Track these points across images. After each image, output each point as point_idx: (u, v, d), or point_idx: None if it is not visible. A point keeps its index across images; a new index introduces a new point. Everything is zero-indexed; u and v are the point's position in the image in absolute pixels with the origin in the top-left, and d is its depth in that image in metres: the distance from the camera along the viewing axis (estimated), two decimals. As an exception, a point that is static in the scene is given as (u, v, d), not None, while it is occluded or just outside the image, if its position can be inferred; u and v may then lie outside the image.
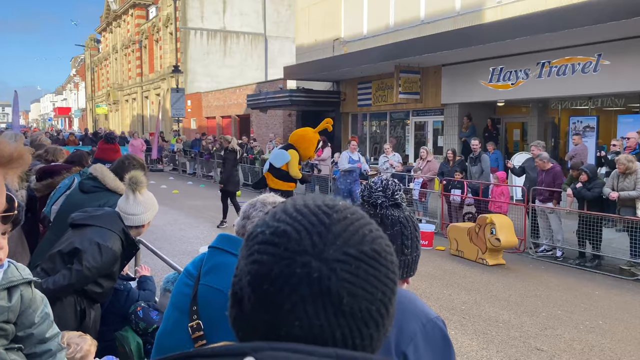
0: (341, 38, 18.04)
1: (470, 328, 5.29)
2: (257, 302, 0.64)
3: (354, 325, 0.62)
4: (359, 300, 0.62)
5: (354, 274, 0.63)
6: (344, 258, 0.63)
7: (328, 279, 0.62)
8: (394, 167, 11.63)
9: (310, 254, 0.63)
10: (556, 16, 9.86)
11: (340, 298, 0.62)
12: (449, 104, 14.25)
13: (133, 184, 2.77)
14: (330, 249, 0.63)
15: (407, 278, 1.37)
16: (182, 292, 1.70)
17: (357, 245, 0.65)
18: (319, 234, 0.64)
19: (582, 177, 7.72)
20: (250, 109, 22.21)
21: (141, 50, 40.58)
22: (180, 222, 10.80)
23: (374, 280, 0.64)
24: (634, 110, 11.35)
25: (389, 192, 1.34)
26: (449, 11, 14.03)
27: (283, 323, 0.62)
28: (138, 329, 2.77)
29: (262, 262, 0.64)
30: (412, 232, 1.32)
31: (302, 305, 0.61)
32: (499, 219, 7.75)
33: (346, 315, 0.62)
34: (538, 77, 11.78)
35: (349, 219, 0.67)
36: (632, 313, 5.76)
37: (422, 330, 1.23)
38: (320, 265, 0.62)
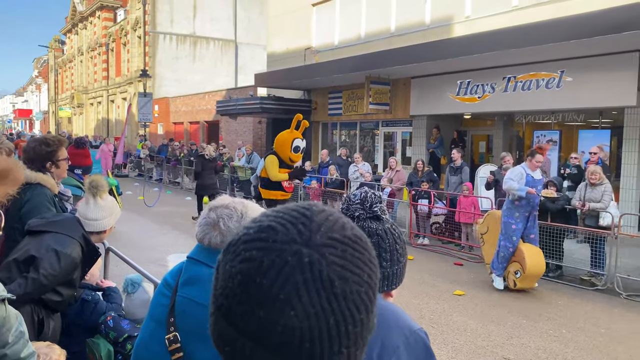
0: (313, 47, 18.13)
1: (439, 337, 5.36)
2: (251, 301, 0.63)
3: (346, 310, 0.63)
4: (349, 283, 0.64)
5: (342, 257, 0.65)
6: (330, 242, 0.65)
7: (319, 263, 0.63)
8: (363, 177, 11.73)
9: (299, 243, 0.64)
10: (522, 33, 10.18)
11: (332, 281, 0.63)
12: (418, 116, 14.49)
13: (93, 188, 2.70)
14: (317, 235, 0.65)
15: (390, 291, 1.37)
16: (159, 303, 1.67)
17: (340, 231, 0.67)
18: (303, 224, 0.66)
19: (551, 189, 7.96)
20: (219, 115, 22.03)
21: (108, 53, 39.78)
22: (148, 229, 10.59)
23: (359, 263, 0.66)
24: (593, 125, 11.78)
25: (367, 204, 1.34)
26: (419, 24, 14.30)
27: (280, 316, 0.62)
28: (109, 339, 2.70)
29: (251, 259, 0.64)
30: (390, 245, 1.32)
31: (296, 294, 0.62)
32: (531, 259, 6.72)
33: (339, 299, 0.63)
34: (504, 91, 12.11)
35: (327, 212, 0.70)
36: (593, 322, 5.95)
37: (406, 342, 1.23)
38: (310, 252, 0.63)
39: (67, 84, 53.27)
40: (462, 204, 9.42)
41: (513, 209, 6.82)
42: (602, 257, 7.45)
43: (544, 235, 8.01)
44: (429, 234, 10.17)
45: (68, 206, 3.56)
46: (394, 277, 1.34)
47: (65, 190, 3.61)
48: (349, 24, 16.76)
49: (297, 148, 7.93)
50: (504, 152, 9.92)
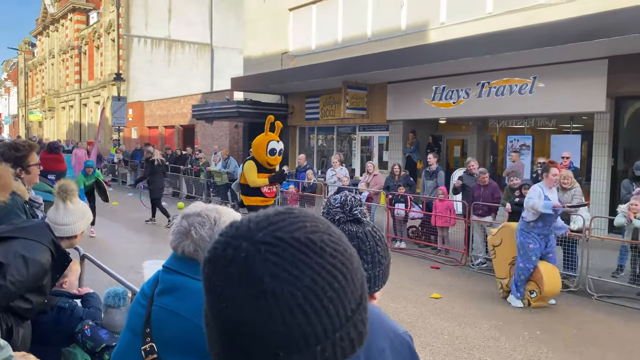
0: (290, 52, 18.14)
1: (417, 341, 5.39)
2: (204, 290, 0.68)
3: (276, 310, 0.62)
4: (281, 283, 0.62)
5: (280, 255, 0.64)
6: (271, 241, 0.65)
7: (253, 258, 0.63)
8: (341, 181, 11.76)
9: (244, 238, 0.66)
10: (496, 39, 10.38)
11: (261, 278, 0.62)
12: (394, 120, 14.61)
13: (63, 192, 2.64)
14: (261, 232, 0.66)
15: (373, 293, 1.38)
16: (136, 313, 1.64)
17: (291, 232, 0.66)
18: (257, 222, 0.68)
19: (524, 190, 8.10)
20: (195, 120, 21.84)
21: (80, 56, 39.08)
22: (122, 236, 10.41)
23: (301, 265, 0.64)
24: (564, 130, 12.07)
25: (347, 207, 1.35)
26: (395, 30, 14.44)
27: (216, 304, 0.65)
28: (86, 349, 2.63)
29: (209, 251, 0.69)
30: (371, 247, 1.33)
31: (229, 286, 0.63)
32: (549, 279, 6.50)
33: (268, 297, 0.62)
34: (478, 96, 12.32)
35: (294, 214, 0.70)
36: (566, 323, 6.07)
37: (391, 345, 1.24)
38: (249, 246, 0.65)
39: (38, 87, 52.13)
40: (437, 208, 9.52)
41: (528, 229, 6.50)
42: (575, 260, 7.62)
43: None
44: (406, 237, 10.25)
45: (39, 213, 3.48)
46: (376, 279, 1.34)
47: (36, 197, 3.52)
48: (326, 29, 16.82)
49: (272, 151, 7.78)
50: (470, 157, 10.08)
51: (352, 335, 0.68)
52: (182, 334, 1.49)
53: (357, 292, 0.69)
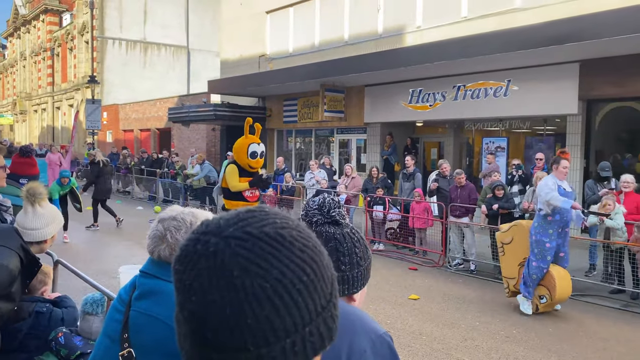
0: (267, 54, 18.10)
1: (395, 342, 5.38)
2: (175, 289, 0.68)
3: (245, 303, 0.62)
4: (250, 276, 0.63)
5: (249, 249, 0.65)
6: (241, 235, 0.66)
7: (222, 252, 0.64)
8: (319, 183, 11.77)
9: (213, 234, 0.67)
10: (471, 43, 10.53)
11: (231, 271, 0.63)
12: (372, 123, 14.70)
13: (31, 195, 2.58)
14: (231, 228, 0.67)
15: (352, 295, 1.38)
16: (113, 318, 1.61)
17: (261, 228, 0.67)
18: (227, 219, 0.69)
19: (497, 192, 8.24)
20: (171, 123, 21.61)
21: (53, 58, 38.32)
22: (96, 241, 10.23)
23: (271, 258, 0.65)
24: (538, 132, 12.30)
25: (325, 209, 1.36)
26: (372, 34, 14.54)
27: (186, 300, 0.66)
28: (60, 356, 2.57)
29: (180, 248, 0.70)
30: (349, 249, 1.33)
31: (198, 280, 0.64)
32: (561, 285, 6.24)
33: (238, 290, 0.63)
34: (454, 99, 12.47)
35: (266, 212, 0.71)
36: (542, 322, 6.17)
37: (372, 346, 1.25)
38: (218, 241, 0.65)
39: (9, 89, 50.93)
40: (415, 210, 9.59)
41: (546, 225, 6.16)
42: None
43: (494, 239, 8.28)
44: (384, 239, 10.30)
45: (7, 217, 3.39)
46: (354, 280, 1.35)
47: (4, 200, 3.43)
48: (303, 32, 16.84)
49: (253, 154, 7.68)
50: (442, 160, 10.18)
51: (322, 330, 0.68)
52: (161, 339, 1.47)
53: (327, 289, 0.70)
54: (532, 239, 6.30)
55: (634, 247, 6.84)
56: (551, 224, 6.14)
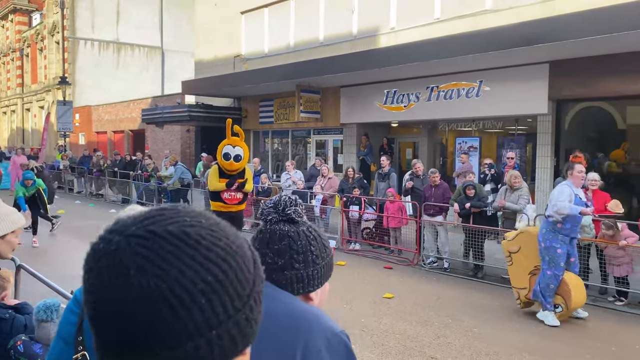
0: (242, 55, 18.00)
1: (369, 340, 5.44)
2: (83, 289, 0.66)
3: (142, 304, 0.60)
4: (147, 275, 0.61)
5: (149, 248, 0.63)
6: (143, 234, 0.64)
7: (122, 251, 0.63)
8: (296, 184, 11.75)
9: (117, 232, 0.65)
10: (443, 44, 10.65)
11: (128, 269, 0.61)
12: (348, 124, 14.74)
13: None
14: (134, 226, 0.65)
15: (308, 293, 1.36)
16: (67, 321, 1.57)
17: (165, 226, 0.65)
18: (134, 217, 0.67)
19: (468, 191, 8.34)
20: (145, 124, 21.31)
21: (22, 59, 37.44)
22: (65, 244, 10.02)
23: (170, 257, 0.62)
24: (510, 132, 12.50)
25: (280, 207, 1.35)
26: (347, 35, 14.59)
27: (90, 304, 0.63)
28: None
29: (90, 246, 0.68)
30: (303, 247, 1.32)
31: (99, 279, 0.63)
32: (576, 293, 6.01)
33: (134, 289, 0.61)
34: (427, 100, 12.59)
35: (178, 210, 0.69)
36: (514, 319, 6.27)
37: (328, 345, 1.24)
38: (120, 239, 0.64)
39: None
40: (389, 210, 9.65)
41: (555, 231, 5.95)
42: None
43: (468, 237, 8.39)
44: (360, 239, 10.34)
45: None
46: (310, 279, 1.33)
47: None
48: (278, 32, 16.80)
49: (226, 155, 7.64)
50: (415, 160, 10.27)
51: (234, 334, 0.65)
52: None
53: (243, 290, 0.67)
54: (542, 246, 6.05)
55: (601, 243, 7.00)
56: (561, 230, 5.94)
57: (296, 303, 1.29)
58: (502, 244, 6.93)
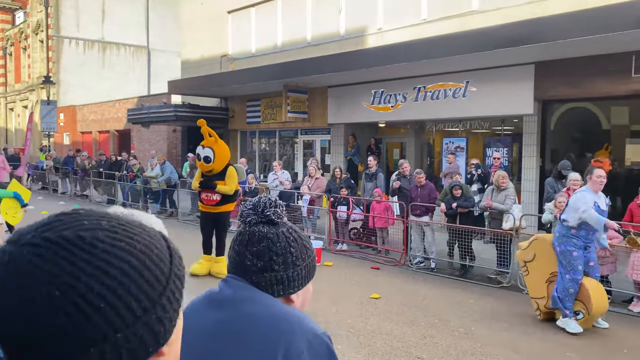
0: (229, 54, 17.90)
1: (356, 341, 5.41)
2: None
3: (38, 314, 0.58)
4: (39, 283, 0.59)
5: (40, 255, 0.61)
6: (37, 242, 0.62)
7: (15, 261, 0.61)
8: (283, 185, 11.70)
9: (13, 242, 0.64)
10: (430, 45, 10.67)
11: (21, 281, 0.59)
12: (335, 124, 14.72)
13: None
14: (30, 235, 0.63)
15: (289, 295, 1.34)
16: None
17: (60, 232, 0.63)
18: (33, 225, 0.65)
19: (455, 191, 8.36)
20: (131, 124, 21.11)
21: (6, 58, 36.94)
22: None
23: (63, 263, 0.60)
24: (497, 132, 12.57)
25: (259, 209, 1.34)
26: (334, 35, 14.57)
27: None
28: None
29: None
30: (283, 249, 1.30)
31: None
32: (596, 299, 5.72)
33: (28, 301, 0.58)
34: (415, 100, 12.61)
35: (78, 214, 0.67)
36: (499, 318, 6.28)
37: (309, 347, 1.22)
38: (13, 249, 0.62)
39: (-41, 90, 48.75)
40: (375, 210, 9.63)
41: (568, 236, 5.76)
42: (508, 257, 7.91)
43: (454, 237, 8.41)
44: (348, 239, 10.32)
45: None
46: (290, 281, 1.31)
47: None
48: (265, 32, 16.73)
49: (198, 156, 7.84)
50: (402, 160, 10.30)
51: (144, 335, 0.63)
52: None
53: (152, 290, 0.65)
54: (557, 250, 5.86)
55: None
56: (575, 236, 5.74)
57: (277, 305, 1.27)
58: (516, 255, 6.71)
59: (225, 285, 1.30)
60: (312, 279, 1.40)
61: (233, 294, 1.27)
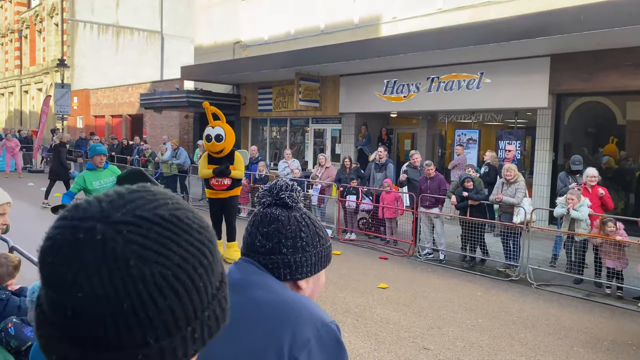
0: (242, 41, 17.87)
1: (363, 330, 5.45)
2: (45, 283, 0.60)
3: (145, 294, 0.57)
4: (150, 264, 0.58)
5: (144, 235, 0.59)
6: (133, 220, 0.59)
7: (113, 241, 0.57)
8: (293, 173, 11.73)
9: (96, 219, 0.59)
10: (445, 35, 10.56)
11: (127, 261, 0.57)
12: (346, 113, 14.68)
13: None
14: (118, 212, 0.60)
15: (297, 281, 1.33)
16: None
17: (153, 210, 0.61)
18: (110, 201, 0.62)
19: (467, 184, 8.33)
20: (143, 109, 21.21)
21: (21, 40, 37.14)
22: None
23: (170, 244, 0.60)
24: (509, 125, 12.47)
25: (275, 191, 1.34)
26: (348, 23, 14.47)
27: (68, 297, 0.57)
28: (10, 348, 2.48)
29: (48, 237, 0.61)
30: (293, 232, 1.30)
31: (84, 273, 0.56)
32: None
33: (135, 281, 0.57)
34: (428, 91, 12.53)
35: (151, 192, 0.65)
36: (507, 311, 6.28)
37: (317, 335, 1.21)
38: (105, 228, 0.58)
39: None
40: (385, 200, 9.63)
41: None
42: (517, 250, 7.89)
43: (465, 229, 8.39)
44: (356, 229, 10.34)
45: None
46: (297, 265, 1.30)
47: None
48: (278, 19, 16.66)
49: (207, 137, 7.70)
50: (413, 151, 10.26)
51: (217, 312, 0.66)
52: None
53: (219, 269, 0.68)
54: None
55: (598, 239, 7.00)
56: None
57: (286, 292, 1.26)
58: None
59: (236, 269, 1.30)
60: (325, 268, 1.39)
61: (241, 279, 1.26)
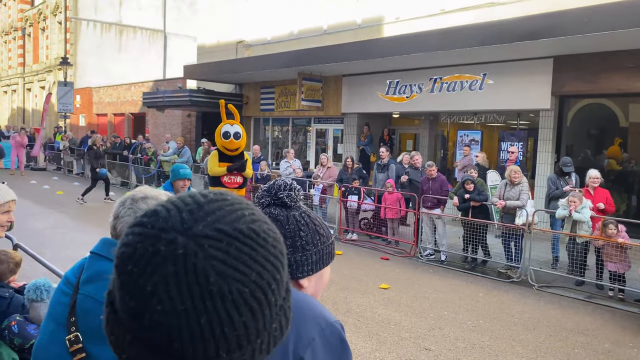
0: (245, 41, 17.89)
1: (364, 330, 5.46)
2: (122, 288, 0.60)
3: (222, 311, 0.57)
4: (229, 281, 0.57)
5: (225, 251, 0.59)
6: (214, 234, 0.59)
7: (194, 255, 0.57)
8: (295, 172, 11.75)
9: (178, 231, 0.59)
10: (448, 36, 10.57)
11: (207, 277, 0.57)
12: (349, 113, 14.69)
13: None
14: (199, 225, 0.59)
15: (297, 280, 1.34)
16: (59, 302, 1.56)
17: (232, 223, 0.61)
18: (190, 211, 0.61)
19: (467, 185, 8.33)
20: (146, 108, 21.23)
21: (24, 38, 37.20)
22: (65, 226, 10.02)
23: (248, 260, 0.60)
24: (512, 126, 12.46)
25: (273, 191, 1.34)
26: (350, 24, 14.49)
27: (147, 308, 0.57)
28: (13, 345, 2.49)
29: (128, 243, 0.60)
30: (292, 232, 1.30)
31: (164, 286, 0.56)
32: None
33: (214, 298, 0.57)
34: (430, 91, 12.53)
35: (228, 201, 0.64)
36: (507, 312, 6.29)
37: (321, 334, 1.22)
38: (187, 242, 0.58)
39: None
40: (387, 201, 9.64)
41: None
42: (519, 252, 7.89)
43: (467, 230, 8.40)
44: (358, 229, 10.35)
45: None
46: (297, 265, 1.31)
47: None
48: (281, 19, 16.68)
49: (226, 134, 7.62)
50: (414, 152, 10.27)
51: (282, 322, 0.66)
52: None
53: (286, 278, 0.68)
54: None
55: (600, 241, 7.00)
56: None
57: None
58: None
59: None
60: (327, 265, 1.39)
61: None
